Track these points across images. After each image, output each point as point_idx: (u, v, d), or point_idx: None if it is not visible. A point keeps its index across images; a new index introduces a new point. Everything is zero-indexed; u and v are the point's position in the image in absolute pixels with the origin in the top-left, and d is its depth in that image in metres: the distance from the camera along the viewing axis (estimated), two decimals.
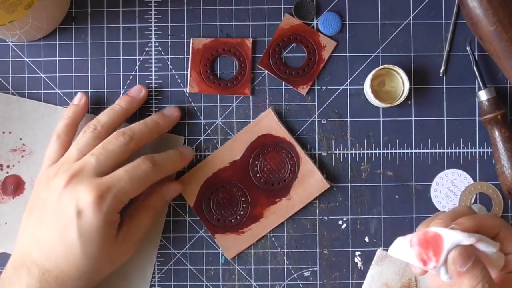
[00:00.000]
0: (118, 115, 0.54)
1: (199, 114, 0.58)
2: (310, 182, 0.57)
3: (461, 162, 0.58)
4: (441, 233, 0.44)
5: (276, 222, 0.57)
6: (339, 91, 0.58)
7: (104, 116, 0.54)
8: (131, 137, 0.52)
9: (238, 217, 0.57)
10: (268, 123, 0.58)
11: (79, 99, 0.56)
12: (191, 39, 0.58)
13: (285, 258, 0.58)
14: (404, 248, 0.45)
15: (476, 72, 0.56)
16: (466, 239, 0.43)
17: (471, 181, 0.58)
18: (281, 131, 0.57)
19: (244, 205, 0.57)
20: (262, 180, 0.57)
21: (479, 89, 0.56)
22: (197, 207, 0.58)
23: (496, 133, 0.56)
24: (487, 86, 0.56)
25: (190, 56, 0.58)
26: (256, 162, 0.57)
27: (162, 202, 0.55)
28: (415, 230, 0.58)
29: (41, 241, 0.50)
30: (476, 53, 0.58)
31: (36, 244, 0.50)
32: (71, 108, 0.56)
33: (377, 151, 0.58)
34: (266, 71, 0.58)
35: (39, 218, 0.51)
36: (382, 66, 0.56)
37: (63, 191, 0.50)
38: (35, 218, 0.51)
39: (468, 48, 0.57)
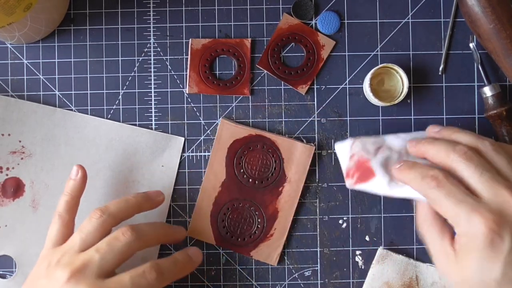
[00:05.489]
0: (128, 207, 0.52)
1: (198, 114, 0.58)
2: (296, 155, 0.57)
3: None
4: (374, 172, 0.51)
5: (292, 207, 0.57)
6: (338, 90, 0.58)
7: (113, 206, 0.52)
8: (138, 235, 0.50)
9: (258, 226, 0.57)
10: (227, 132, 0.57)
11: (75, 173, 0.54)
12: (190, 39, 0.58)
13: (285, 257, 0.58)
14: (345, 154, 0.53)
15: (481, 68, 0.56)
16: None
17: None
18: (242, 131, 0.57)
19: (257, 212, 0.57)
20: (256, 182, 0.57)
21: (484, 85, 0.56)
22: (221, 240, 0.58)
23: (503, 129, 0.56)
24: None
25: (189, 57, 0.58)
26: (242, 171, 0.57)
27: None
28: (415, 226, 0.58)
29: None
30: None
31: None
32: (70, 183, 0.54)
33: None
34: (265, 71, 0.58)
35: None
36: (381, 65, 0.56)
37: (62, 287, 0.48)
38: None
39: (471, 45, 0.57)
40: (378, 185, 0.51)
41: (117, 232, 0.50)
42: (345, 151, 0.53)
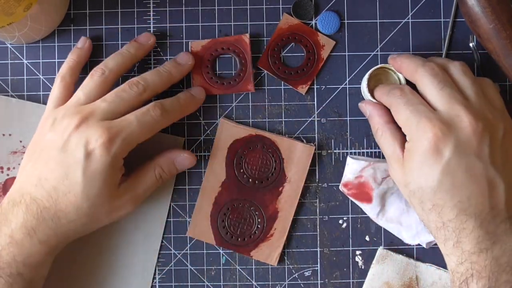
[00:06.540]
0: (125, 61, 0.54)
1: (198, 114, 0.58)
2: (297, 155, 0.57)
3: None
4: (372, 200, 0.56)
5: (292, 207, 0.57)
6: (338, 90, 0.58)
7: (112, 61, 0.53)
8: (145, 88, 0.52)
9: (259, 226, 0.57)
10: (227, 132, 0.57)
11: (83, 43, 0.56)
12: (190, 42, 0.58)
13: (285, 257, 0.58)
14: (353, 170, 0.56)
15: (481, 68, 0.56)
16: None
17: None
18: (242, 131, 0.57)
19: (257, 212, 0.57)
20: (256, 182, 0.57)
21: None
22: (221, 240, 0.58)
23: None
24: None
25: None
26: (242, 171, 0.57)
27: (170, 168, 0.55)
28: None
29: (43, 180, 0.50)
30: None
31: (37, 182, 0.50)
32: (75, 51, 0.55)
33: (377, 150, 0.58)
34: (265, 71, 0.58)
35: (43, 158, 0.50)
36: (379, 66, 0.55)
37: (72, 134, 0.49)
38: (38, 158, 0.51)
39: (471, 45, 0.57)
40: (368, 211, 0.56)
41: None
42: (355, 168, 0.56)
